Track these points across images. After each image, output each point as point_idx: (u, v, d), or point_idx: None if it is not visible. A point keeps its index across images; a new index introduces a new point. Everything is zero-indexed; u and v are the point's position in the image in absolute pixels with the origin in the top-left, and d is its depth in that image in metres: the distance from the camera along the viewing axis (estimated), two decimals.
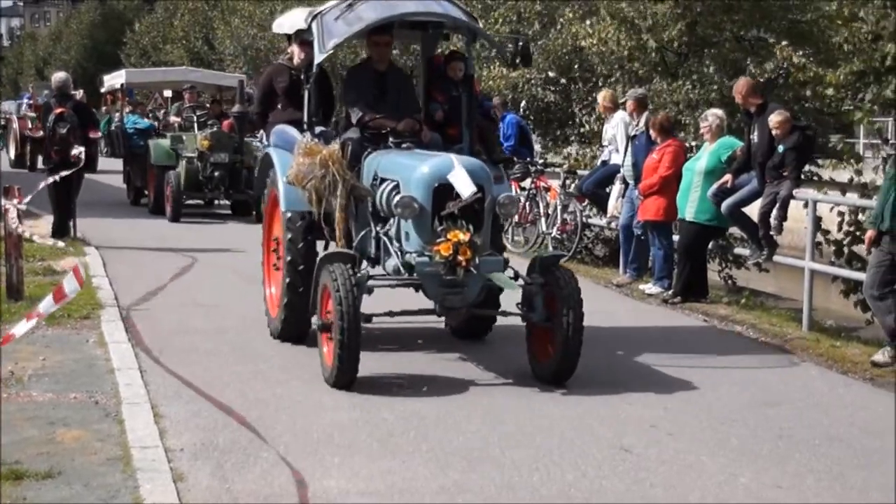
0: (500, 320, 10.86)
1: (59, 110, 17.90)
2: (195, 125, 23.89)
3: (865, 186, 14.69)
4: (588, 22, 22.70)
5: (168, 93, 30.83)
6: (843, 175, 16.62)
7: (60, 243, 15.85)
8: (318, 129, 11.02)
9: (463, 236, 9.21)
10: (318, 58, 10.72)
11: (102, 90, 35.34)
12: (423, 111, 11.52)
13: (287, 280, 10.77)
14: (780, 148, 13.25)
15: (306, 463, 7.48)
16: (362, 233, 10.46)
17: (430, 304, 10.05)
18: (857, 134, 22.18)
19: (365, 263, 10.10)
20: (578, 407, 9.14)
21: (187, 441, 7.85)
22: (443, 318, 10.92)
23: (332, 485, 7.11)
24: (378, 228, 10.21)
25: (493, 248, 10.05)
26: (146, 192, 24.86)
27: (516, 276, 9.85)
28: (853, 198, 14.70)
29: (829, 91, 15.42)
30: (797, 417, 9.07)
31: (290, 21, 12.17)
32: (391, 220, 10.01)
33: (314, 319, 9.87)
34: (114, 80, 31.36)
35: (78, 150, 17.54)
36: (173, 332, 11.49)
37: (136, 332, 11.42)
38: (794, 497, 7.21)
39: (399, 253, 9.74)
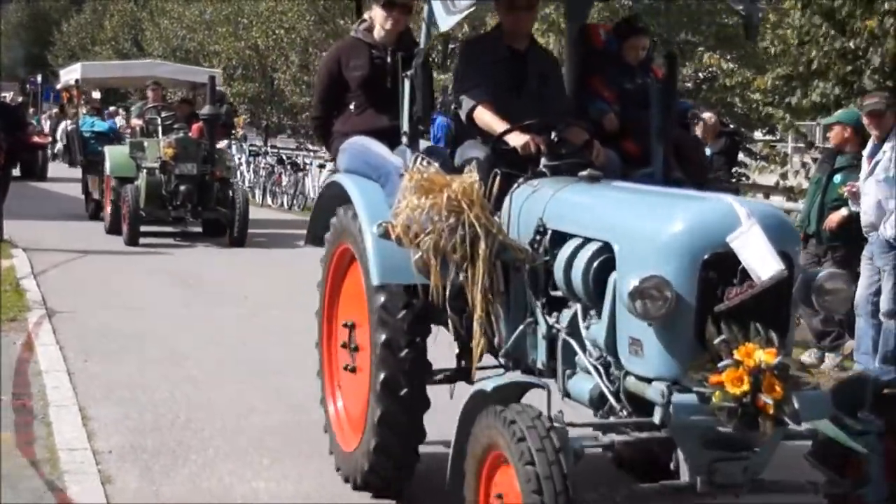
0: None
1: None
2: (159, 129, 20.23)
3: (791, 190, 14.86)
4: None
5: (97, 94, 30.08)
6: (771, 178, 16.82)
7: None
8: (423, 145, 6.97)
9: (764, 356, 4.82)
10: (445, 24, 6.57)
11: (58, 86, 32.08)
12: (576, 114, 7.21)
13: (378, 411, 6.57)
14: (708, 152, 13.40)
15: (236, 465, 7.45)
16: (520, 327, 6.12)
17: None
18: (784, 137, 22.46)
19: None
20: None
21: (115, 443, 7.79)
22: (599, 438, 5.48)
23: (261, 486, 7.10)
24: (552, 321, 5.95)
25: None
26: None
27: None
28: (780, 201, 14.87)
29: (757, 96, 15.58)
30: None
31: None
32: (575, 307, 5.80)
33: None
34: (69, 74, 26.71)
35: None
36: (102, 335, 11.37)
37: (64, 334, 11.27)
38: None
39: (603, 371, 5.48)
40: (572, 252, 5.72)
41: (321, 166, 26.20)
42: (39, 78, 48.92)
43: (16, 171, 26.16)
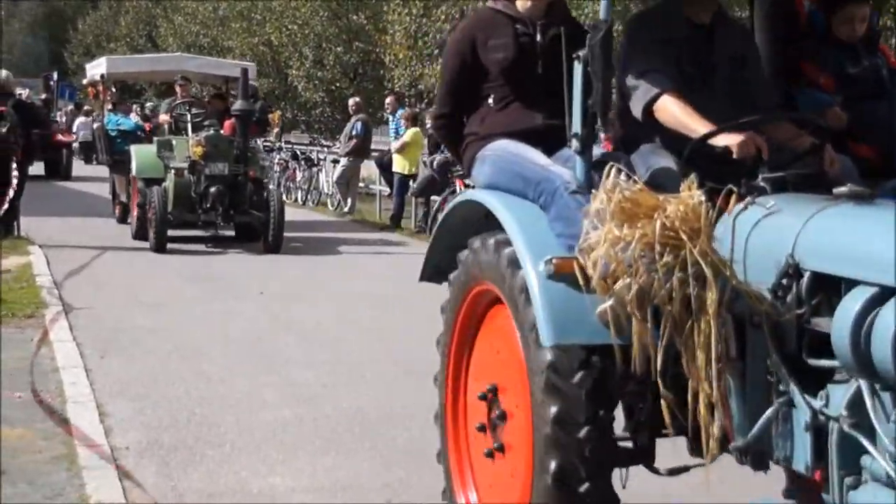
0: None
1: None
2: (188, 126, 19.11)
3: None
4: None
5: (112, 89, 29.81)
6: None
7: None
8: (597, 151, 5.18)
9: None
10: None
11: (84, 81, 30.14)
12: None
13: None
14: None
15: (251, 460, 7.51)
16: (767, 411, 4.29)
17: None
18: None
19: None
20: None
21: (132, 439, 7.85)
22: None
23: (276, 482, 7.15)
24: (818, 403, 4.09)
25: None
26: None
27: None
28: None
29: None
30: None
31: None
32: (855, 384, 3.91)
33: None
34: (95, 69, 24.69)
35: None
36: (118, 331, 11.46)
37: (81, 330, 11.36)
38: None
39: None
40: (864, 308, 3.80)
41: (335, 161, 26.23)
42: (55, 74, 48.97)
43: (40, 171, 26.23)
